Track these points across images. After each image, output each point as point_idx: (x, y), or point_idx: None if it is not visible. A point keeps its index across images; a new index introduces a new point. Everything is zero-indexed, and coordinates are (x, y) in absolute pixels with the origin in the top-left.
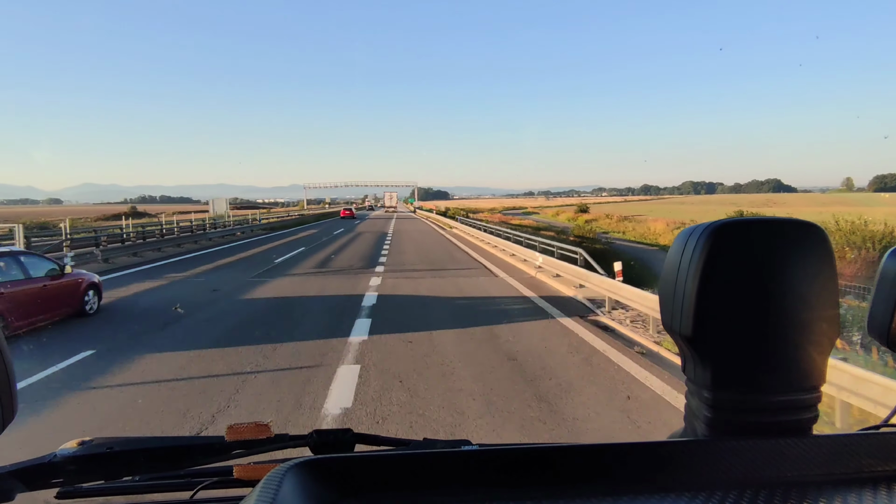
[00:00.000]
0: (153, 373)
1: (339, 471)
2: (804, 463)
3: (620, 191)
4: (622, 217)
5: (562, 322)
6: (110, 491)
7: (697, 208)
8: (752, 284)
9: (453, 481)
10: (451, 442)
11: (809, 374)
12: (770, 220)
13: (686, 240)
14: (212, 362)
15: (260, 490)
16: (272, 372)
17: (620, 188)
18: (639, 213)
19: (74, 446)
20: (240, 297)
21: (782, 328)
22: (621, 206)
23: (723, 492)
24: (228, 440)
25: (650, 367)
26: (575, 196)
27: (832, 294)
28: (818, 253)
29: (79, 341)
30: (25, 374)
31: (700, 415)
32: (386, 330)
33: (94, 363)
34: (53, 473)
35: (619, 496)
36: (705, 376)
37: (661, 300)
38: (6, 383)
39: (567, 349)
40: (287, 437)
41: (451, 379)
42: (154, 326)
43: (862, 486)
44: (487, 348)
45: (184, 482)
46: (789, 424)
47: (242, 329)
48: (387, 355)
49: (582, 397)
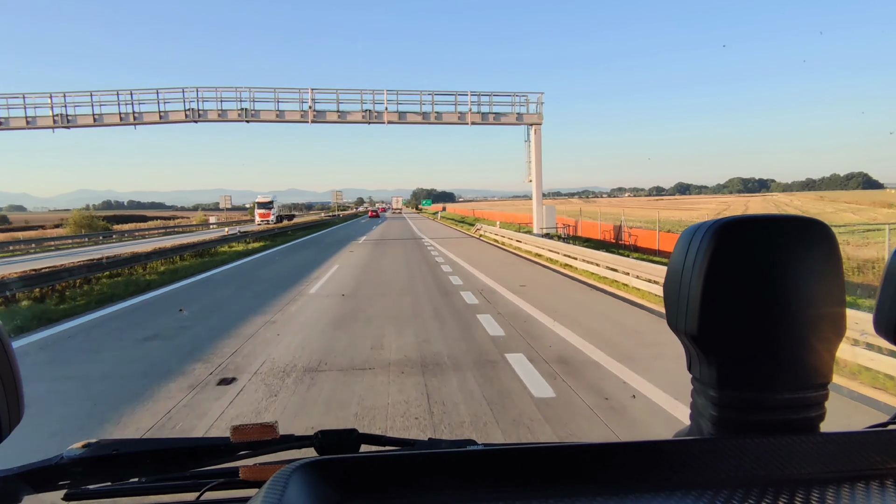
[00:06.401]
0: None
1: (344, 471)
2: (812, 461)
3: (647, 191)
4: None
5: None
6: (117, 492)
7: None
8: (758, 282)
9: (458, 481)
10: (456, 442)
11: (816, 372)
12: (774, 218)
13: (690, 239)
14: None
15: (266, 491)
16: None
17: (646, 188)
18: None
19: (80, 448)
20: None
21: (788, 326)
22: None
23: (729, 490)
24: (234, 441)
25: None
26: (587, 197)
27: (838, 291)
28: (823, 250)
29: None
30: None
31: (706, 413)
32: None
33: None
34: (60, 475)
35: (625, 495)
36: (711, 375)
37: (665, 300)
38: (13, 386)
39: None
40: (292, 438)
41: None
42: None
43: (870, 483)
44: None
45: (190, 483)
46: (796, 422)
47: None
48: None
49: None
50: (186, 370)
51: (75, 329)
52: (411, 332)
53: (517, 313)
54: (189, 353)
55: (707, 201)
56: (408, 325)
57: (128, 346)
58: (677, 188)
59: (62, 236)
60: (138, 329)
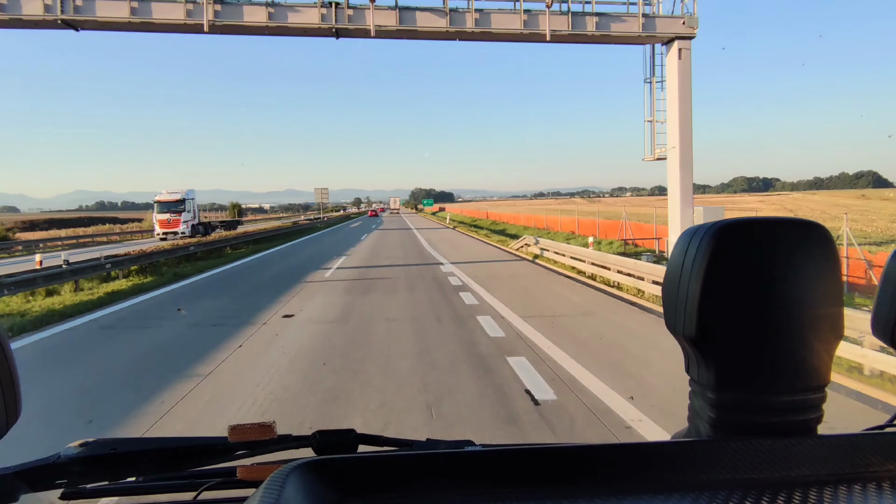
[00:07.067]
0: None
1: (342, 471)
2: (809, 463)
3: (649, 190)
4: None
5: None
6: (114, 491)
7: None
8: (756, 284)
9: (456, 482)
10: (453, 443)
11: (814, 374)
12: (773, 220)
13: (689, 241)
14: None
15: (263, 490)
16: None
17: (647, 187)
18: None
19: (77, 447)
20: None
21: (786, 328)
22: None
23: (727, 492)
24: (231, 441)
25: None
26: (588, 197)
27: (836, 293)
28: (821, 252)
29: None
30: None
31: (704, 415)
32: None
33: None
34: (57, 474)
35: (623, 496)
36: (709, 377)
37: (664, 301)
38: (10, 385)
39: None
40: (290, 438)
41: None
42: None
43: (867, 485)
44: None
45: (187, 483)
46: (794, 424)
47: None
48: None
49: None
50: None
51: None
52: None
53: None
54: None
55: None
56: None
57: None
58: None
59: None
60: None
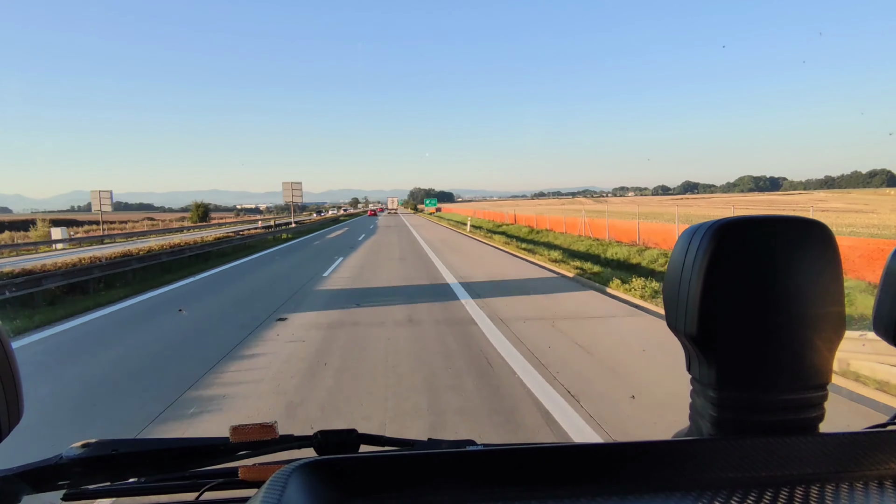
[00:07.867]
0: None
1: (343, 471)
2: (811, 461)
3: (652, 190)
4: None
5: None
6: (116, 492)
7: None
8: (757, 283)
9: (458, 481)
10: (455, 442)
11: (816, 372)
12: (774, 218)
13: (689, 239)
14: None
15: (265, 491)
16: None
17: (650, 187)
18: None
19: (79, 448)
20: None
21: (787, 326)
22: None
23: (729, 490)
24: (233, 441)
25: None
26: (589, 197)
27: (837, 291)
28: (822, 250)
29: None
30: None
31: (706, 414)
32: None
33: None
34: (59, 475)
35: (624, 495)
36: (711, 375)
37: (665, 300)
38: (12, 386)
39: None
40: (292, 438)
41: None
42: None
43: (869, 483)
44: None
45: (189, 483)
46: (796, 423)
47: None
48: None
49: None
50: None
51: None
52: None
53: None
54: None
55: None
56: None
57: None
58: (684, 187)
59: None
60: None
